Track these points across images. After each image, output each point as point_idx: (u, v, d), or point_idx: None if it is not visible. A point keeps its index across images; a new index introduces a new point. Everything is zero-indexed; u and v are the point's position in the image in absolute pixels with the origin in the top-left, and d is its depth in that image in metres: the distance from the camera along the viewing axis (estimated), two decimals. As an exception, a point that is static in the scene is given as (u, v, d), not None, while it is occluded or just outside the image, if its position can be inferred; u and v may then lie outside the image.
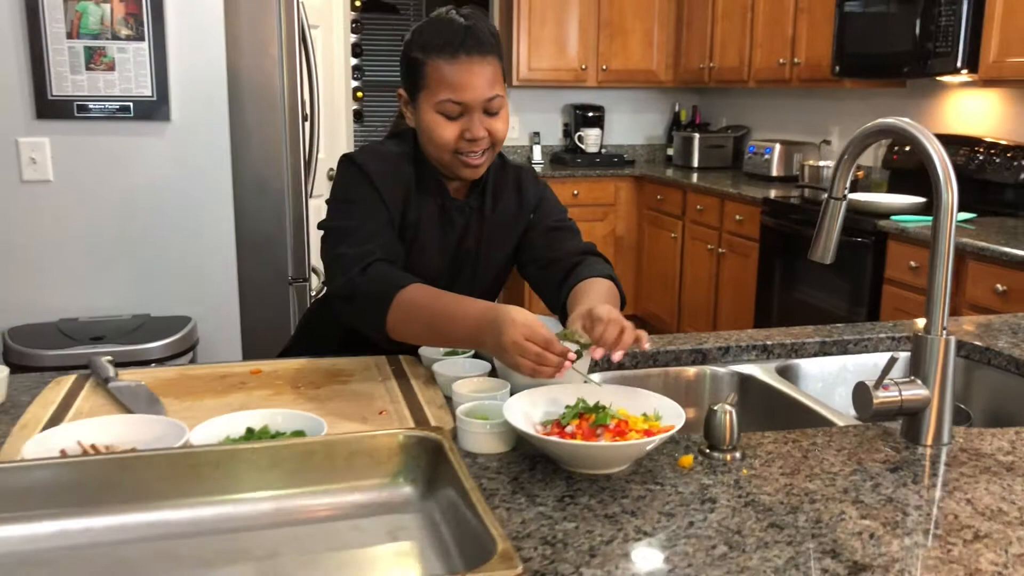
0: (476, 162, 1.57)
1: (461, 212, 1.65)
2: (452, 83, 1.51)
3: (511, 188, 1.70)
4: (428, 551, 0.91)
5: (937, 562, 0.95)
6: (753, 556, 0.96)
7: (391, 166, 1.60)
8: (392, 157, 1.62)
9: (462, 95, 1.52)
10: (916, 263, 3.25)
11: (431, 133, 1.55)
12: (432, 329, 1.42)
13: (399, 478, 1.02)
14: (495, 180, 1.68)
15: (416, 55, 1.56)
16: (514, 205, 1.69)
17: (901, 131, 1.29)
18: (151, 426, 1.13)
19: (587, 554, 0.96)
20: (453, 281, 1.65)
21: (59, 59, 2.94)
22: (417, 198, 1.60)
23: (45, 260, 3.01)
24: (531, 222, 1.69)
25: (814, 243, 1.45)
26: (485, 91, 1.53)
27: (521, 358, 1.23)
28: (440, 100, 1.53)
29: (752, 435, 1.30)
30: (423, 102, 1.56)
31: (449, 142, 1.54)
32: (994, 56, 3.32)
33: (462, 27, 1.53)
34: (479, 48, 1.52)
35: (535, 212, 1.70)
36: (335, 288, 1.50)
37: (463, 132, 1.54)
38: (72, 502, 0.94)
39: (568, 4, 5.64)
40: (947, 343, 1.26)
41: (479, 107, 1.53)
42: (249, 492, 0.99)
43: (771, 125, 5.54)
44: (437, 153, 1.57)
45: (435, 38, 1.54)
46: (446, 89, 1.52)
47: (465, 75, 1.51)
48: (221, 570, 0.88)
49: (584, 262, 1.61)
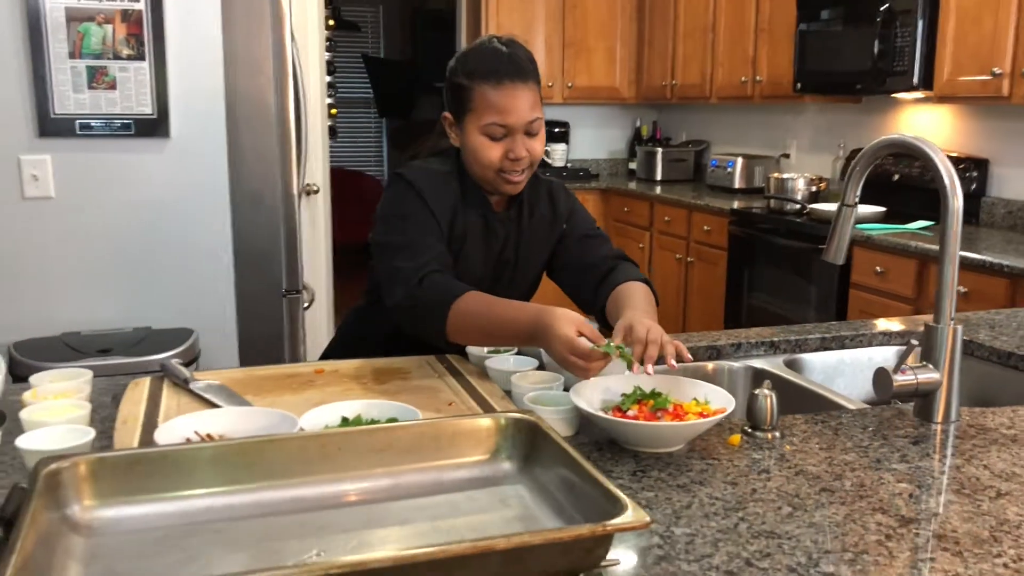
0: (517, 179, 1.70)
1: (502, 223, 1.78)
2: (497, 107, 1.64)
3: (545, 201, 1.84)
4: (543, 514, 1.03)
5: (972, 514, 1.11)
6: (815, 514, 1.11)
7: (439, 182, 1.72)
8: (439, 174, 1.74)
9: (506, 118, 1.65)
10: (881, 268, 3.47)
11: (477, 153, 1.68)
12: (488, 334, 1.57)
13: (500, 455, 1.14)
14: (530, 193, 1.81)
15: (462, 81, 1.68)
16: (548, 216, 1.83)
17: (909, 146, 1.46)
18: (264, 417, 1.23)
19: (673, 516, 1.10)
20: (493, 288, 1.77)
21: (61, 78, 3.00)
22: (463, 211, 1.73)
23: (46, 275, 3.06)
24: (564, 231, 1.83)
25: (827, 246, 1.61)
26: (527, 114, 1.66)
27: (572, 369, 1.40)
28: (486, 123, 1.66)
29: (784, 417, 1.45)
30: (469, 124, 1.69)
31: (494, 162, 1.67)
32: (947, 75, 3.56)
33: (504, 55, 1.67)
34: (521, 74, 1.66)
35: (567, 222, 1.84)
36: (395, 300, 1.62)
37: (507, 152, 1.67)
38: (215, 482, 1.04)
39: (534, 23, 5.82)
40: (955, 332, 1.42)
41: (521, 129, 1.66)
42: (367, 469, 1.10)
43: (730, 139, 5.77)
44: (482, 171, 1.70)
45: (480, 65, 1.67)
46: (492, 113, 1.65)
47: (509, 100, 1.64)
48: (366, 534, 1.00)
49: (618, 267, 1.75)
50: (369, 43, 9.04)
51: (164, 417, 1.35)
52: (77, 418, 1.28)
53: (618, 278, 1.72)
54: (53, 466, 0.97)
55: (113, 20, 3.02)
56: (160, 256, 3.16)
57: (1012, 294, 2.94)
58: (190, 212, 3.18)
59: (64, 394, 1.39)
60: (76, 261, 3.09)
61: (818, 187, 4.36)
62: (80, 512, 0.97)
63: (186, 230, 3.18)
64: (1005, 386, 1.86)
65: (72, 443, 1.17)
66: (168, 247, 3.16)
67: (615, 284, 1.70)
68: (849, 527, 1.07)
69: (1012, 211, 3.74)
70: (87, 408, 1.32)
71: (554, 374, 1.51)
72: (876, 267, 3.49)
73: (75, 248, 3.08)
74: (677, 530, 1.06)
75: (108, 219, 3.10)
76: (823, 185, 4.38)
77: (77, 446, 1.17)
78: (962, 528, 1.07)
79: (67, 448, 1.15)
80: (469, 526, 1.02)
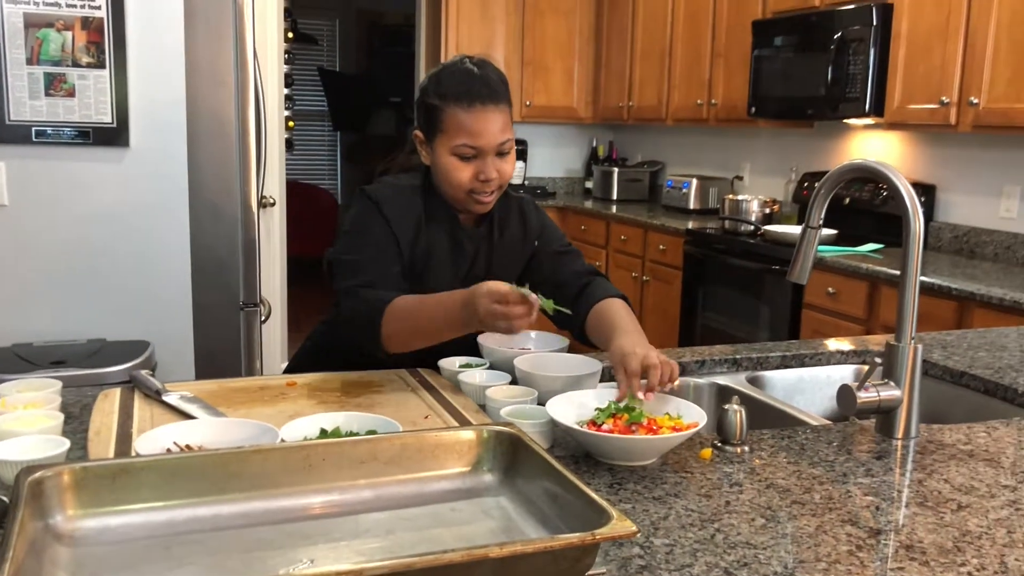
0: (487, 200, 1.73)
1: (471, 240, 1.79)
2: (468, 129, 1.66)
3: (516, 218, 1.86)
4: (526, 524, 1.05)
5: (935, 526, 1.15)
6: (788, 525, 1.14)
7: (403, 199, 1.74)
8: (405, 190, 1.76)
9: (477, 141, 1.67)
10: (833, 289, 3.55)
11: (448, 174, 1.70)
12: (423, 331, 1.59)
13: (481, 467, 1.16)
14: (500, 210, 1.83)
15: (434, 102, 1.70)
16: (519, 233, 1.86)
17: (872, 170, 1.51)
18: (244, 429, 1.23)
19: (651, 527, 1.12)
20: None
21: (18, 84, 2.95)
22: (428, 228, 1.74)
23: (-2, 284, 3.00)
24: (536, 248, 1.86)
25: (792, 266, 1.66)
26: (498, 136, 1.68)
27: (497, 321, 1.43)
28: (457, 144, 1.67)
29: (752, 432, 1.48)
30: (440, 145, 1.71)
31: (464, 182, 1.69)
32: (898, 102, 3.68)
33: (477, 76, 1.68)
34: (493, 97, 1.68)
35: (539, 239, 1.86)
36: (339, 317, 1.68)
37: (477, 173, 1.69)
38: (199, 492, 1.04)
39: (493, 41, 5.86)
40: (915, 350, 1.47)
41: (492, 151, 1.69)
42: (350, 480, 1.11)
43: (685, 161, 5.87)
44: (452, 192, 1.72)
45: (452, 87, 1.68)
46: (463, 135, 1.67)
47: (480, 122, 1.66)
48: (351, 543, 1.00)
49: (593, 283, 1.78)
50: (325, 56, 9.02)
51: (138, 428, 1.34)
52: (50, 428, 1.27)
53: (595, 294, 1.75)
54: (37, 475, 0.96)
55: (73, 27, 2.99)
56: (116, 267, 3.12)
57: (959, 316, 3.03)
58: (148, 223, 3.14)
59: (34, 404, 1.37)
60: (29, 270, 3.04)
61: (771, 209, 4.45)
62: (64, 522, 0.96)
63: (143, 241, 3.14)
64: (957, 404, 1.92)
65: (47, 453, 1.16)
66: (125, 258, 3.12)
67: (593, 301, 1.73)
68: (821, 538, 1.11)
69: (958, 235, 3.86)
70: (59, 418, 1.31)
71: (528, 388, 1.53)
72: (828, 288, 3.58)
73: (28, 257, 3.03)
74: (656, 540, 1.09)
75: (63, 228, 3.05)
76: (776, 207, 4.48)
77: (53, 456, 1.15)
78: (927, 539, 1.11)
79: (44, 459, 1.13)
80: (455, 536, 1.03)
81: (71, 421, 1.42)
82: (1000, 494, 1.26)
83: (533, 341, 1.85)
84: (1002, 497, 1.25)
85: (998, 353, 2.05)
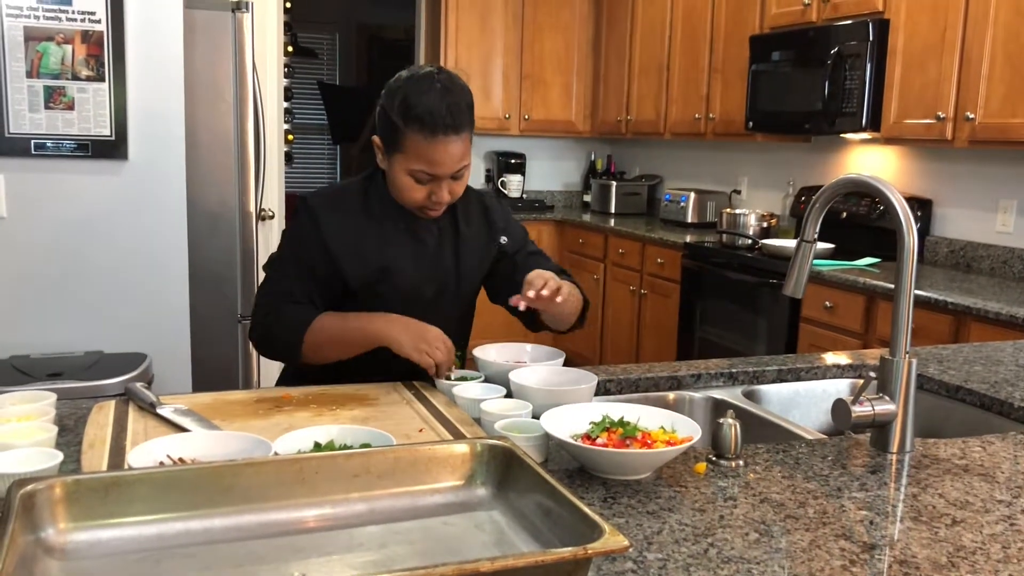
0: (435, 214, 1.79)
1: (430, 231, 1.83)
2: (427, 158, 1.68)
3: (478, 211, 1.91)
4: (519, 538, 1.05)
5: (930, 540, 1.15)
6: (781, 540, 1.14)
7: (347, 202, 1.80)
8: (350, 194, 1.82)
9: (435, 169, 1.69)
10: (831, 303, 3.56)
11: (400, 192, 1.75)
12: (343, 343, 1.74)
13: (475, 480, 1.16)
14: (462, 203, 1.87)
15: (396, 121, 1.69)
16: (484, 227, 1.90)
17: (866, 185, 1.51)
18: (237, 441, 1.23)
19: (644, 542, 1.12)
20: (438, 299, 1.84)
21: (18, 97, 2.96)
22: (379, 224, 1.79)
23: (-4, 296, 3.00)
24: (504, 248, 1.91)
25: (787, 280, 1.66)
26: (455, 165, 1.71)
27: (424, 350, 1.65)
28: (414, 169, 1.70)
29: (747, 447, 1.48)
30: (396, 163, 1.73)
31: (417, 201, 1.75)
32: (894, 117, 3.69)
33: (443, 105, 1.66)
34: (455, 128, 1.68)
35: (506, 235, 1.91)
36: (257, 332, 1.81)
37: (430, 194, 1.73)
38: (192, 506, 1.04)
39: (492, 55, 5.89)
40: (910, 365, 1.47)
41: (447, 176, 1.72)
42: (343, 494, 1.11)
43: (683, 175, 5.88)
44: (402, 203, 1.78)
45: (417, 110, 1.66)
46: (421, 162, 1.69)
47: (440, 153, 1.68)
48: (343, 557, 1.00)
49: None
50: (325, 70, 9.05)
51: (132, 441, 1.34)
52: (43, 441, 1.27)
53: None
54: (29, 488, 0.96)
55: (73, 41, 3.00)
56: (114, 279, 3.12)
57: (955, 330, 3.04)
58: (146, 236, 3.15)
59: (28, 416, 1.37)
60: (27, 282, 3.04)
61: (769, 223, 4.46)
62: (55, 535, 0.96)
63: (141, 254, 3.15)
64: (952, 418, 1.92)
65: (40, 466, 1.16)
66: (123, 270, 3.13)
67: None
68: (815, 552, 1.11)
69: (954, 250, 3.87)
70: (53, 431, 1.30)
71: (522, 402, 1.53)
72: (825, 302, 3.58)
73: (26, 269, 3.03)
74: (649, 555, 1.08)
75: (61, 240, 3.06)
76: (774, 221, 4.49)
77: (46, 469, 1.15)
78: (921, 554, 1.11)
79: (37, 471, 1.13)
80: (448, 550, 1.03)
81: (66, 433, 1.42)
82: (995, 509, 1.26)
83: (528, 354, 1.85)
84: (997, 512, 1.25)
85: (994, 367, 2.05)
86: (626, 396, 1.90)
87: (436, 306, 1.83)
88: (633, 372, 1.93)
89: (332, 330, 1.73)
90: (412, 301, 1.79)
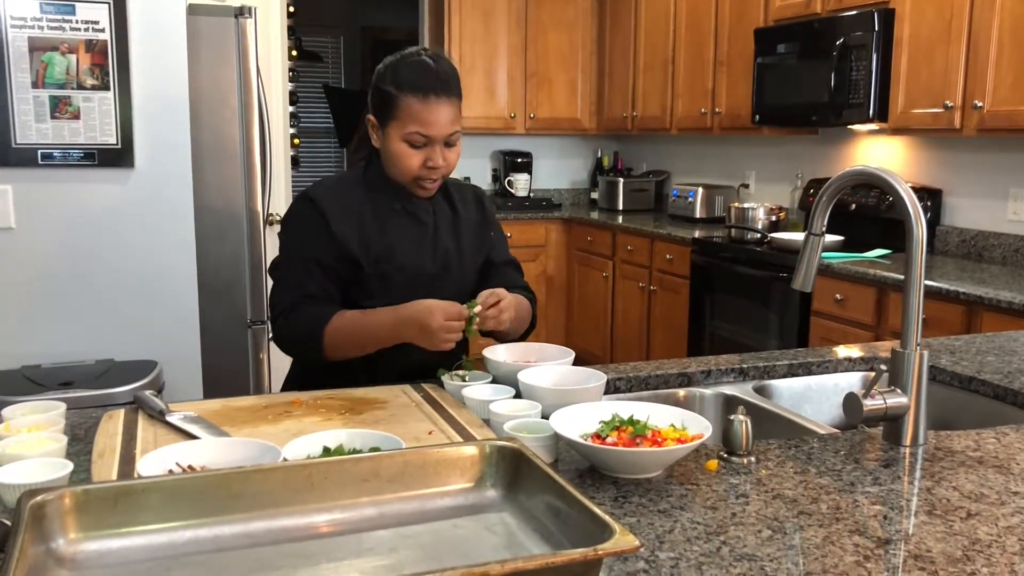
0: (431, 187, 1.87)
1: (428, 212, 1.91)
2: (421, 119, 1.78)
3: (472, 199, 2.01)
4: (530, 540, 1.04)
5: (944, 534, 1.14)
6: (794, 537, 1.13)
7: (347, 194, 1.87)
8: (346, 183, 1.90)
9: (429, 130, 1.79)
10: (841, 296, 3.54)
11: (398, 159, 1.82)
12: (361, 346, 1.80)
13: (484, 482, 1.15)
14: (456, 189, 1.98)
15: (390, 90, 1.81)
16: (478, 215, 2.00)
17: (875, 176, 1.50)
18: (246, 448, 1.23)
19: (656, 540, 1.11)
20: (441, 276, 1.90)
21: (24, 108, 2.97)
22: (379, 210, 1.86)
23: (6, 307, 3.01)
24: (492, 244, 1.99)
25: (796, 273, 1.65)
26: (448, 127, 1.80)
27: (449, 335, 1.67)
28: (409, 132, 1.79)
29: (758, 443, 1.47)
30: (392, 131, 1.82)
31: (413, 168, 1.82)
32: (901, 107, 3.67)
33: (432, 69, 1.80)
34: (446, 90, 1.80)
35: (494, 231, 2.01)
36: (272, 334, 1.86)
37: (426, 160, 1.81)
38: (201, 513, 1.04)
39: (496, 54, 5.88)
40: (921, 357, 1.46)
41: (441, 140, 1.81)
42: (353, 499, 1.11)
43: (690, 170, 5.86)
44: (400, 176, 1.85)
45: (409, 77, 1.79)
46: (416, 123, 1.78)
47: (433, 113, 1.78)
48: (353, 563, 1.00)
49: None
50: (330, 73, 9.06)
51: (141, 450, 1.34)
52: (53, 451, 1.27)
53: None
54: (39, 499, 0.96)
55: (77, 50, 3.01)
56: (123, 288, 3.13)
57: (967, 320, 3.01)
58: (154, 243, 3.15)
59: (38, 427, 1.37)
60: (36, 293, 3.05)
61: (777, 216, 4.44)
62: (65, 545, 0.96)
63: (150, 261, 3.15)
64: (966, 409, 1.91)
65: (50, 476, 1.16)
66: (132, 278, 3.13)
67: None
68: (828, 549, 1.10)
69: (965, 240, 3.85)
70: (63, 441, 1.31)
71: (532, 403, 1.53)
72: (836, 295, 3.56)
73: (36, 279, 3.04)
74: (661, 554, 1.08)
75: (70, 250, 3.07)
76: (783, 215, 4.47)
77: (56, 479, 1.15)
78: (936, 548, 1.10)
79: (46, 482, 1.13)
80: (458, 554, 1.02)
81: (76, 443, 1.42)
82: (1010, 501, 1.25)
83: (537, 354, 1.85)
84: (1012, 504, 1.24)
85: (1007, 358, 2.03)
86: (636, 394, 1.89)
87: (440, 283, 1.89)
88: (643, 369, 1.92)
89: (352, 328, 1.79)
90: (416, 280, 1.86)
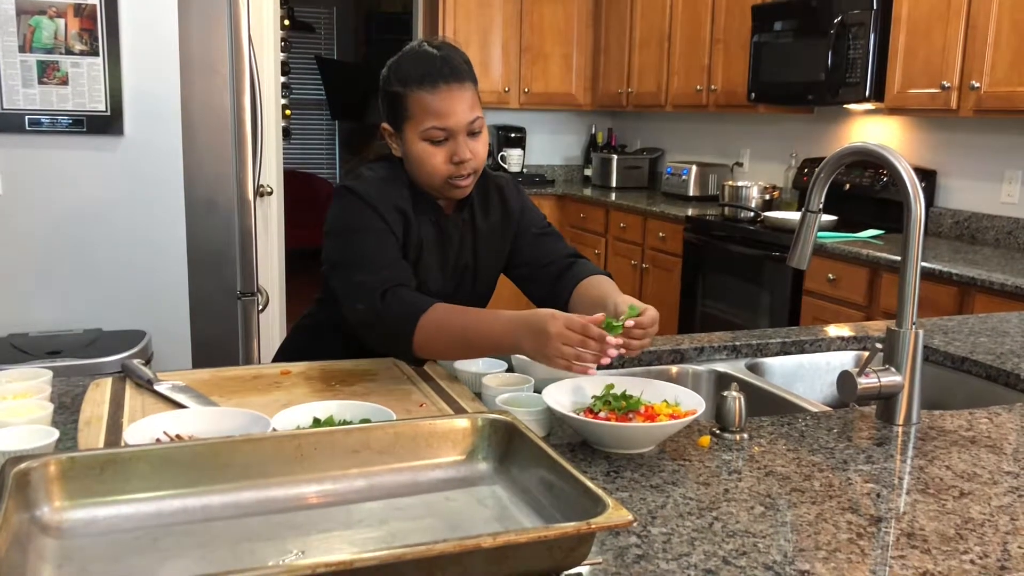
0: (465, 184, 1.67)
1: (455, 227, 1.75)
2: (435, 111, 1.60)
3: (496, 199, 1.81)
4: (521, 513, 1.03)
5: (937, 513, 1.13)
6: (787, 513, 1.12)
7: (389, 192, 1.67)
8: (387, 183, 1.69)
9: (446, 121, 1.61)
10: (833, 275, 3.53)
11: (421, 161, 1.64)
12: (464, 344, 1.54)
13: (476, 455, 1.14)
14: (479, 194, 1.79)
15: (397, 89, 1.64)
16: (501, 215, 1.81)
17: (873, 153, 1.49)
18: (235, 418, 1.21)
19: (648, 516, 1.11)
20: (455, 296, 1.73)
21: (11, 72, 2.92)
22: (416, 219, 1.69)
23: (-7, 274, 2.98)
24: (517, 230, 1.83)
25: (792, 250, 1.64)
26: (467, 115, 1.62)
27: (565, 347, 1.36)
28: (426, 128, 1.61)
29: (751, 420, 1.46)
30: (409, 132, 1.64)
31: (439, 167, 1.63)
32: (898, 87, 3.65)
33: (437, 58, 1.63)
34: (456, 76, 1.62)
35: (519, 220, 1.83)
36: (358, 316, 1.59)
37: (451, 156, 1.62)
38: (189, 483, 1.02)
39: (491, 28, 5.83)
40: (916, 336, 1.45)
41: (463, 130, 1.62)
42: (343, 470, 1.09)
43: (684, 147, 5.84)
44: (428, 179, 1.66)
45: (413, 70, 1.63)
46: (430, 117, 1.61)
47: (447, 102, 1.60)
48: (343, 534, 0.99)
49: (576, 264, 1.78)
50: (323, 45, 8.98)
51: (129, 418, 1.33)
52: (39, 418, 1.25)
53: (580, 273, 1.73)
54: (23, 466, 0.94)
55: (65, 14, 2.96)
56: (112, 256, 3.09)
57: (960, 301, 3.01)
58: (143, 212, 3.12)
59: (24, 394, 1.35)
60: (24, 260, 3.01)
61: (771, 195, 4.43)
62: (51, 513, 0.94)
63: (139, 230, 3.12)
64: (958, 389, 1.91)
65: (36, 444, 1.14)
66: (120, 247, 3.10)
67: (577, 279, 1.72)
68: (821, 526, 1.09)
69: (959, 221, 3.84)
70: (49, 408, 1.29)
71: (524, 376, 1.52)
72: (828, 274, 3.56)
73: (23, 247, 3.01)
74: (654, 529, 1.07)
75: (58, 218, 3.03)
76: (776, 193, 4.46)
77: (42, 447, 1.14)
78: (929, 526, 1.10)
79: (32, 449, 1.12)
80: (449, 526, 1.01)
81: (63, 411, 1.41)
82: (1002, 480, 1.24)
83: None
84: (1004, 484, 1.23)
85: (999, 339, 2.03)
86: (629, 370, 1.88)
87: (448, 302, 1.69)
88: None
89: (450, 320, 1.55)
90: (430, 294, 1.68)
